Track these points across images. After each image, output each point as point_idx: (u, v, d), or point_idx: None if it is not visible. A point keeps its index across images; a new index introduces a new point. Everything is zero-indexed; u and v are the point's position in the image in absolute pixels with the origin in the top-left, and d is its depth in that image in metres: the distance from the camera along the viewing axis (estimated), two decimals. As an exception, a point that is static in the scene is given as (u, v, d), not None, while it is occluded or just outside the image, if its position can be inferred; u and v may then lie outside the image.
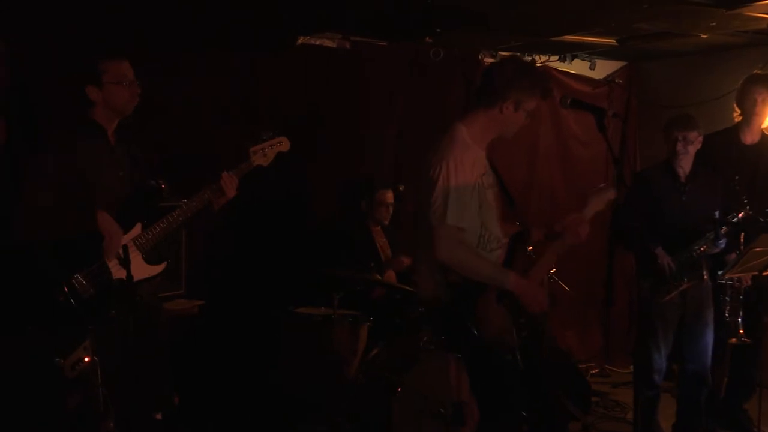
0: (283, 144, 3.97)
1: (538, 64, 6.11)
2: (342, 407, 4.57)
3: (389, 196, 5.42)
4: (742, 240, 4.46)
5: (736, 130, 4.97)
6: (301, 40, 5.46)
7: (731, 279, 4.61)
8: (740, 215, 4.44)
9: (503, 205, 3.48)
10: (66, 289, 3.40)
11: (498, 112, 3.36)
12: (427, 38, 5.69)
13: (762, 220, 4.47)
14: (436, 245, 3.22)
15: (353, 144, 5.82)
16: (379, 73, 5.90)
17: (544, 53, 6.53)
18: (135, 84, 3.67)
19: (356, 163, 5.83)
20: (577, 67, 6.74)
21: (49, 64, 4.44)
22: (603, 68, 6.96)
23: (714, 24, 5.32)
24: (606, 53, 6.62)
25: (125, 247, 3.45)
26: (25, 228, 3.41)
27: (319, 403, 4.67)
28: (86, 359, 3.24)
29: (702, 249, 4.49)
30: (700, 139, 4.61)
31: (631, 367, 5.62)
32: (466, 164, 3.27)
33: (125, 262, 3.43)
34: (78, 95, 3.65)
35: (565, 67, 6.66)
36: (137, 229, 3.63)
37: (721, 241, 4.46)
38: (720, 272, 4.58)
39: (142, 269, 3.61)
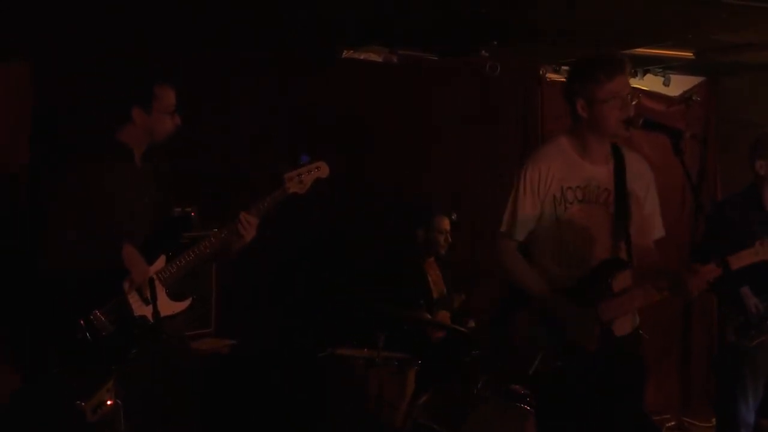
0: (321, 170, 3.98)
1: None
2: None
3: (446, 223, 5.47)
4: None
5: None
6: (345, 53, 5.53)
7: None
8: None
9: (609, 229, 3.50)
10: (83, 325, 3.47)
11: (581, 118, 3.47)
12: (483, 51, 5.73)
13: None
14: (495, 251, 3.61)
15: (404, 167, 5.87)
16: (431, 90, 5.97)
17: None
18: (177, 116, 3.76)
19: (407, 188, 5.88)
20: (649, 83, 6.72)
21: (74, 81, 4.57)
22: (679, 84, 6.92)
23: (807, 34, 5.29)
24: (682, 67, 6.59)
25: (151, 282, 3.51)
26: (48, 259, 3.50)
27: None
28: (109, 402, 3.29)
29: None
30: None
31: (714, 420, 5.52)
32: (534, 175, 3.48)
33: (152, 298, 3.49)
34: (107, 113, 3.77)
35: (636, 83, 6.63)
36: (161, 261, 3.68)
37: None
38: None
39: (165, 305, 3.64)
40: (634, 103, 3.43)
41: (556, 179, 3.47)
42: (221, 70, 5.12)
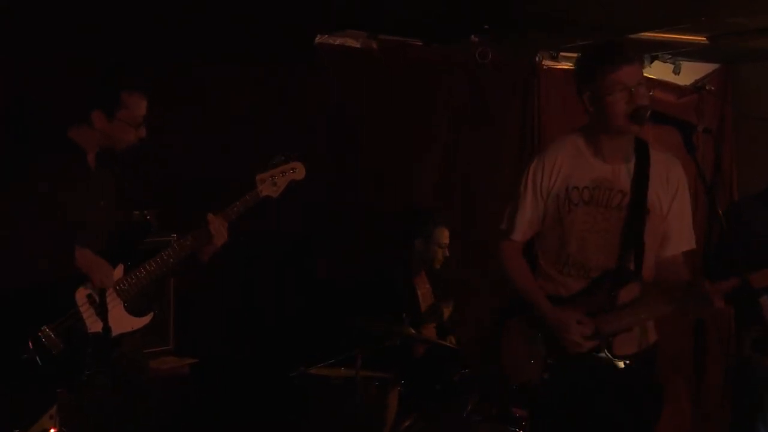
0: (297, 171, 4.03)
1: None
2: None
3: (446, 236, 5.49)
4: None
5: None
6: (318, 39, 5.50)
7: None
8: None
9: (620, 236, 3.51)
10: (31, 345, 3.43)
11: (590, 112, 3.51)
12: (473, 36, 5.72)
13: None
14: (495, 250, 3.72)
15: (389, 167, 5.89)
16: (416, 80, 5.96)
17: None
18: (143, 128, 3.74)
19: (393, 190, 5.90)
20: (658, 71, 6.73)
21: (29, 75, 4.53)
22: (690, 72, 6.95)
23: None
24: (694, 53, 6.60)
25: (102, 292, 3.48)
26: None
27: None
28: (52, 430, 3.26)
29: None
30: None
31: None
32: (537, 171, 3.57)
33: (101, 311, 3.46)
34: (61, 110, 3.75)
35: (643, 71, 6.63)
36: (119, 271, 3.67)
37: None
38: None
39: (123, 321, 3.65)
40: (650, 93, 3.45)
41: (562, 177, 3.53)
42: (190, 64, 5.09)
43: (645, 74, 6.50)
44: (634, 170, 3.52)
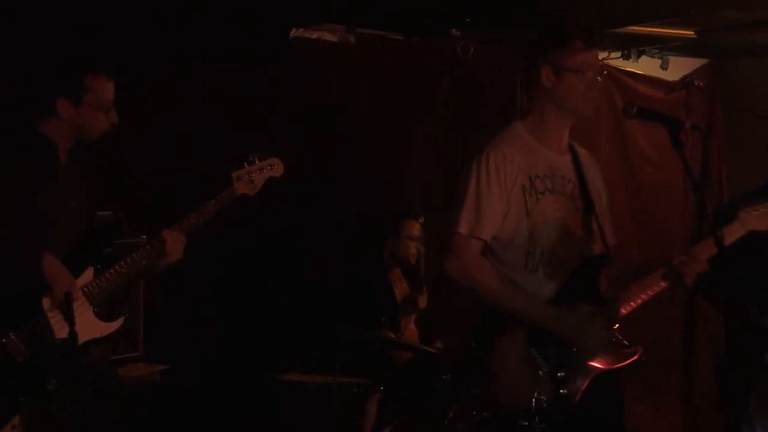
0: (275, 168, 3.98)
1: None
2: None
3: (417, 228, 5.49)
4: None
5: None
6: (294, 32, 5.48)
7: None
8: None
9: (580, 224, 3.51)
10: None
11: (544, 89, 3.47)
12: (453, 30, 5.71)
13: None
14: (445, 259, 3.42)
15: (387, 167, 5.90)
16: (398, 75, 5.95)
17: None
18: (113, 112, 3.69)
19: (373, 190, 5.89)
20: (645, 66, 6.74)
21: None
22: (678, 67, 6.98)
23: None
24: (683, 48, 6.62)
25: (67, 295, 3.43)
26: None
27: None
28: (14, 440, 3.23)
29: None
30: None
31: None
32: (499, 161, 3.41)
33: (68, 315, 3.41)
34: (28, 102, 3.72)
35: (630, 66, 6.66)
36: (88, 274, 3.61)
37: None
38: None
39: (92, 326, 3.59)
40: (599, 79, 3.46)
41: (523, 167, 3.45)
42: (189, 63, 5.11)
43: (631, 69, 6.62)
44: (572, 161, 3.56)
